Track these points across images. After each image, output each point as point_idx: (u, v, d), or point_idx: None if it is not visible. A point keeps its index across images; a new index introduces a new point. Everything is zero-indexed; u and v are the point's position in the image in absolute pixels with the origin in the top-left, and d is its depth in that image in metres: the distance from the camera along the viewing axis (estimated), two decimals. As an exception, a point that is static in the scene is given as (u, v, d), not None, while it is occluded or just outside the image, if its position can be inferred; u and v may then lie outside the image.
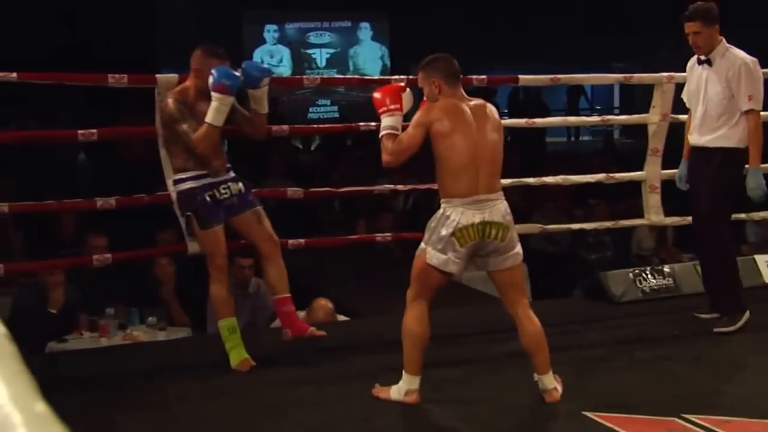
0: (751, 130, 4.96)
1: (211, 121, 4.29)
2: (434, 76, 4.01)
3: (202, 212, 4.42)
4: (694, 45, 4.99)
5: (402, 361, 4.03)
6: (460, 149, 3.88)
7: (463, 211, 3.84)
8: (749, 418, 3.81)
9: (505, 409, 3.98)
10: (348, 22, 19.26)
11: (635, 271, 5.90)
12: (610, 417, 3.85)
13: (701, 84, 5.06)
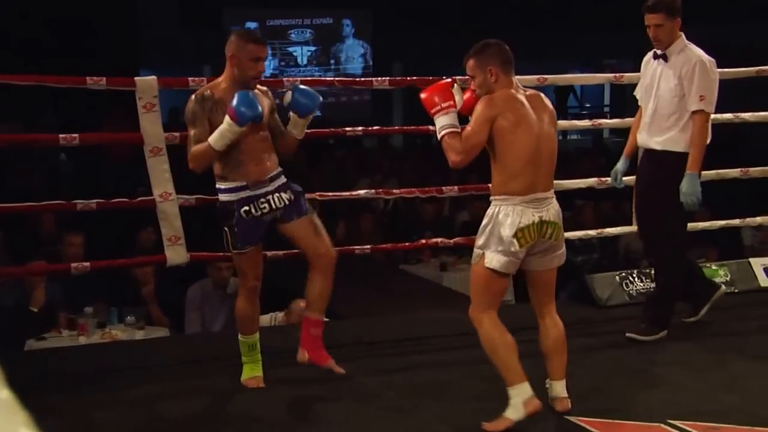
0: (696, 132, 4.77)
1: (211, 143, 3.95)
2: (490, 64, 3.77)
3: (236, 230, 4.07)
4: (655, 38, 4.84)
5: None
6: (522, 145, 3.72)
7: (523, 210, 3.70)
8: (738, 425, 3.83)
9: (487, 412, 3.98)
10: (330, 19, 19.23)
11: (622, 274, 5.89)
12: (594, 422, 3.87)
13: (654, 79, 4.91)
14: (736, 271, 6.06)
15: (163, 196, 4.91)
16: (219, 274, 6.14)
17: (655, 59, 4.92)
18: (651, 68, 4.94)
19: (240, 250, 4.10)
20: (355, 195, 5.82)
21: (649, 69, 4.97)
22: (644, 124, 4.96)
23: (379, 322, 5.62)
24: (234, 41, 4.04)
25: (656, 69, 4.91)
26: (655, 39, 4.84)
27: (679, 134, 4.82)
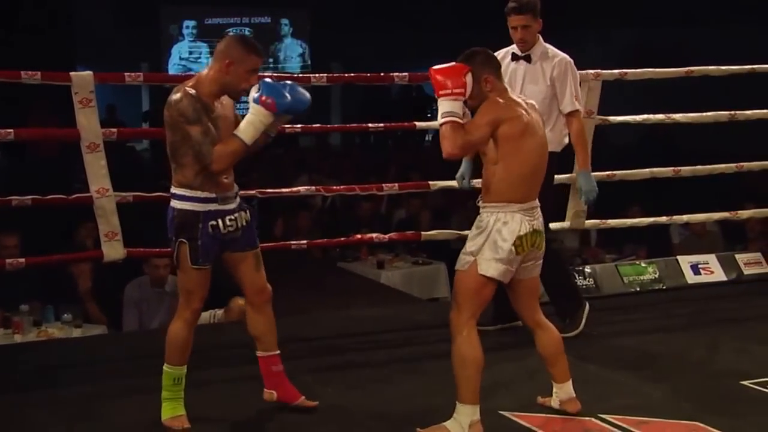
0: (578, 132, 4.82)
1: (244, 138, 3.61)
2: (485, 72, 3.65)
3: (198, 245, 3.69)
4: (522, 39, 4.79)
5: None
6: (528, 153, 3.63)
7: (521, 219, 3.63)
8: (667, 419, 3.89)
9: (423, 409, 4.01)
10: (268, 19, 19.16)
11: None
12: (527, 416, 3.92)
13: (516, 81, 4.83)
14: (664, 268, 6.17)
15: (100, 192, 4.88)
16: (156, 272, 6.10)
17: (514, 60, 4.86)
18: (508, 70, 4.81)
19: (199, 266, 3.70)
20: (294, 191, 5.80)
21: (504, 70, 4.71)
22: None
23: (316, 320, 5.62)
24: (235, 48, 3.65)
25: (516, 70, 4.86)
26: (522, 40, 4.80)
27: (550, 134, 4.67)
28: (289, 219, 8.74)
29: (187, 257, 3.70)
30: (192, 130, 3.56)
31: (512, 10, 4.77)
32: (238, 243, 3.82)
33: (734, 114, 6.20)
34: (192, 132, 3.56)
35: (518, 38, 4.81)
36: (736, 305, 5.76)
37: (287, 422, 3.89)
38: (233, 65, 3.61)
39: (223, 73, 3.63)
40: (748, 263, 6.40)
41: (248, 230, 3.84)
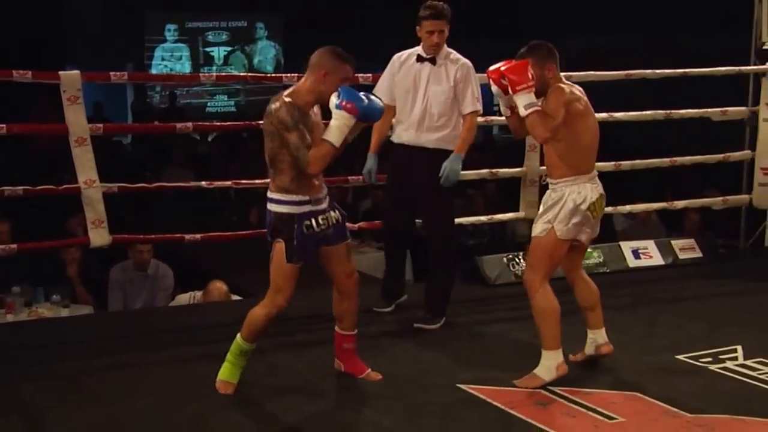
0: (471, 127, 4.77)
1: (333, 141, 3.62)
2: (548, 62, 3.92)
3: (294, 244, 3.71)
4: (437, 44, 4.71)
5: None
6: (591, 130, 3.93)
7: (591, 187, 3.92)
8: (610, 390, 3.93)
9: (387, 382, 4.02)
10: (244, 22, 19.06)
11: (509, 256, 5.96)
12: (483, 389, 3.92)
13: (420, 82, 4.75)
14: (608, 253, 6.21)
15: (87, 183, 4.86)
16: (140, 257, 6.06)
17: (419, 62, 4.78)
18: (412, 70, 4.78)
19: (294, 263, 3.72)
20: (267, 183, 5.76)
21: (409, 71, 4.79)
22: (411, 124, 4.78)
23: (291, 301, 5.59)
24: (329, 58, 3.69)
25: (420, 71, 4.77)
26: (437, 44, 4.72)
27: (451, 133, 4.76)
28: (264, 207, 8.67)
29: (282, 255, 3.72)
30: (290, 136, 3.60)
31: (430, 16, 4.71)
32: (331, 238, 3.84)
33: (670, 113, 6.25)
34: (290, 138, 3.60)
35: (433, 42, 4.72)
36: (672, 286, 5.80)
37: (262, 394, 3.87)
38: (329, 75, 3.67)
39: (319, 82, 3.68)
40: (682, 249, 6.46)
41: (339, 226, 3.88)
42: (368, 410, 3.74)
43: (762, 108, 6.44)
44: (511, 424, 3.59)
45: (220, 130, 13.02)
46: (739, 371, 4.22)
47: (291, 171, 3.67)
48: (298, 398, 3.84)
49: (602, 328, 4.19)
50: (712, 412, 3.69)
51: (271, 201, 3.77)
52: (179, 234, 5.25)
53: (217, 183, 5.72)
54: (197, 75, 6.19)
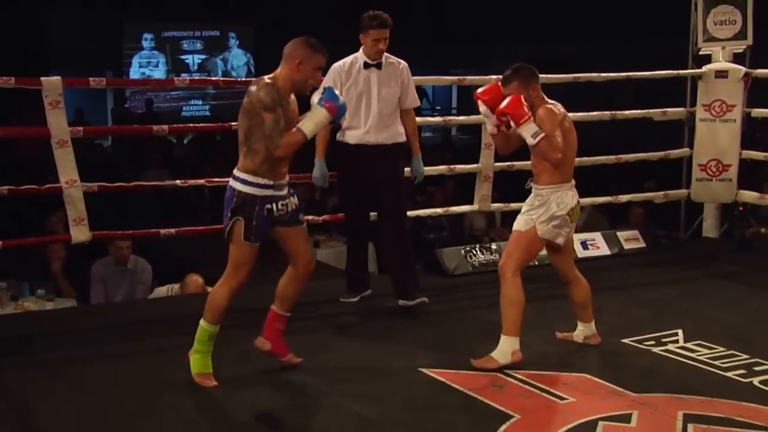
0: (415, 124, 5.04)
1: (306, 131, 3.62)
2: (533, 83, 4.05)
3: (253, 224, 3.69)
4: (381, 51, 4.79)
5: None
6: (574, 144, 4.06)
7: (572, 195, 4.07)
8: (561, 372, 3.95)
9: (352, 368, 4.01)
10: (217, 32, 18.98)
11: (467, 248, 5.97)
12: (443, 372, 3.93)
13: (370, 86, 4.83)
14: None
15: (68, 183, 4.82)
16: (119, 252, 6.00)
17: (366, 68, 4.84)
18: (361, 76, 4.83)
19: (251, 243, 3.71)
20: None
21: (358, 77, 4.84)
22: (369, 125, 4.84)
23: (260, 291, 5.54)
24: (302, 48, 3.69)
25: (370, 76, 4.84)
26: (381, 51, 4.81)
27: (399, 128, 4.92)
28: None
29: (241, 233, 3.69)
30: (267, 116, 3.56)
31: (378, 25, 4.76)
32: (290, 219, 3.81)
33: (615, 114, 6.29)
34: (266, 118, 3.56)
35: (378, 49, 4.80)
36: (618, 275, 5.84)
37: (232, 379, 3.85)
38: (303, 64, 3.67)
39: (294, 71, 3.67)
40: (627, 239, 6.51)
41: (295, 211, 3.84)
42: (335, 395, 3.73)
43: (699, 109, 6.50)
44: (470, 405, 3.60)
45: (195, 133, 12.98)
46: (680, 353, 4.26)
47: (264, 152, 3.63)
48: (267, 385, 3.82)
49: (592, 322, 4.34)
50: (656, 391, 3.73)
51: (236, 179, 3.71)
52: (155, 229, 5.20)
53: (191, 182, 5.68)
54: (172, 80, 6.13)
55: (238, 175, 3.72)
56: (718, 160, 6.48)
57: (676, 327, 4.62)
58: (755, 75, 6.39)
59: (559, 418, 3.44)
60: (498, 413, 3.49)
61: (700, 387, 3.79)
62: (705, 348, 4.31)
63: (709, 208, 6.76)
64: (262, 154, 3.64)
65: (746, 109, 6.43)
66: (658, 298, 5.30)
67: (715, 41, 6.50)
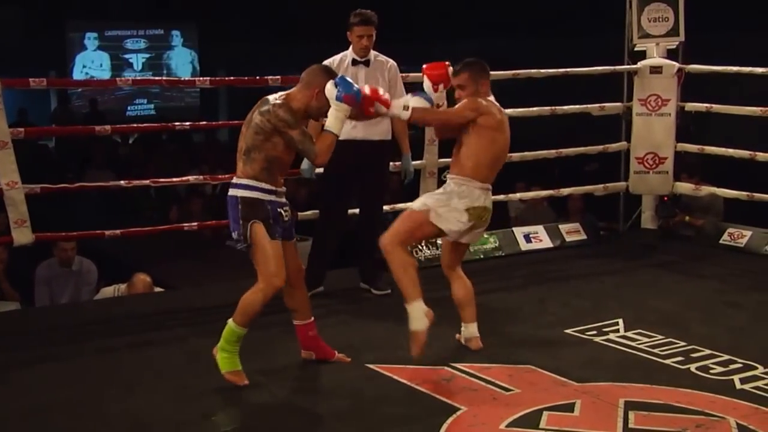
0: (405, 123, 4.88)
1: (335, 131, 3.66)
2: (482, 78, 3.99)
3: (271, 222, 3.65)
4: (366, 47, 4.88)
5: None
6: (499, 145, 3.94)
7: (479, 194, 3.92)
8: (505, 364, 3.97)
9: (299, 364, 3.99)
10: (161, 30, 18.74)
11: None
12: (389, 368, 3.93)
13: (359, 83, 4.83)
14: (502, 238, 6.28)
15: (9, 185, 4.72)
16: (64, 254, 5.89)
17: (355, 65, 4.93)
18: (350, 73, 4.86)
19: (276, 239, 3.66)
20: (184, 180, 5.69)
21: (346, 73, 4.82)
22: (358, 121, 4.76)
23: (208, 291, 5.51)
24: (323, 77, 3.69)
25: (357, 73, 4.91)
26: (366, 48, 4.90)
27: (387, 125, 4.98)
28: (183, 205, 8.56)
29: (264, 234, 3.63)
30: (293, 133, 3.61)
31: (361, 22, 4.87)
32: (285, 234, 3.78)
33: (554, 109, 6.35)
34: (294, 135, 3.61)
35: (363, 46, 4.90)
36: (561, 267, 5.90)
37: (183, 379, 3.81)
38: (321, 93, 3.66)
39: (310, 98, 3.68)
40: (569, 232, 6.57)
41: (291, 224, 3.83)
42: (281, 391, 3.72)
43: (635, 103, 6.59)
44: (416, 399, 3.60)
45: (140, 133, 12.80)
46: (620, 342, 4.32)
47: (264, 162, 3.64)
48: (215, 383, 3.78)
49: (473, 323, 4.16)
50: (597, 380, 3.77)
51: (238, 186, 3.67)
52: (100, 231, 5.11)
53: (135, 182, 5.59)
54: (114, 80, 6.02)
55: (238, 182, 3.68)
56: (654, 153, 6.58)
57: (617, 316, 4.68)
58: (688, 70, 6.50)
59: (504, 409, 3.46)
60: (444, 406, 3.50)
61: (640, 375, 3.85)
62: (644, 336, 4.37)
63: (647, 200, 6.86)
64: (261, 163, 3.64)
65: (680, 104, 6.54)
66: (599, 289, 5.37)
67: (649, 37, 6.60)
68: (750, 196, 6.20)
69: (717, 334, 4.41)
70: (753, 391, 3.66)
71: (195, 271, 6.92)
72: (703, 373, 3.88)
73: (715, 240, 6.44)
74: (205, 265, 7.12)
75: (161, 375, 3.86)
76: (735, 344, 4.23)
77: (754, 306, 4.98)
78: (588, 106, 6.55)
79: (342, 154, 4.82)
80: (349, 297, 5.17)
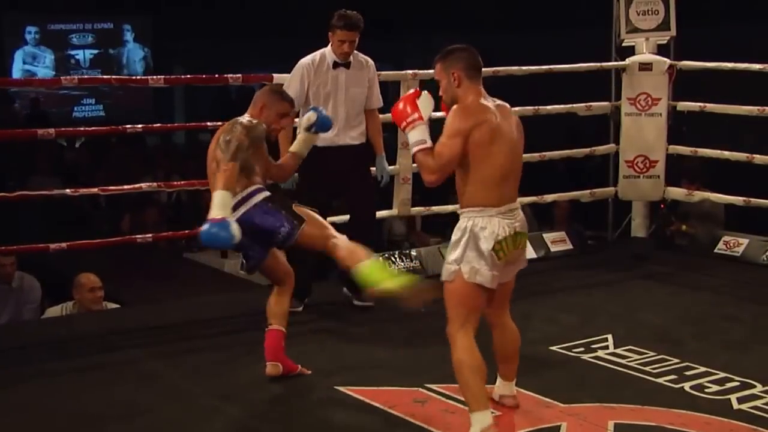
0: (380, 124, 5.21)
1: (300, 153, 4.23)
2: (454, 68, 3.40)
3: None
4: (348, 53, 4.96)
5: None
6: (498, 158, 3.34)
7: (499, 222, 3.34)
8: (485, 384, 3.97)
9: (263, 387, 3.99)
10: (110, 24, 18.64)
11: (385, 255, 5.94)
12: (359, 390, 3.93)
13: (339, 86, 5.01)
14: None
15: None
16: (2, 270, 5.83)
17: (335, 68, 4.99)
18: (329, 76, 4.98)
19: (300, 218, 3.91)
20: (136, 188, 5.64)
21: (326, 76, 4.98)
22: (337, 127, 4.95)
23: (164, 308, 5.49)
24: (266, 94, 4.04)
25: (338, 77, 5.00)
26: (347, 53, 4.97)
27: (363, 128, 5.14)
28: (136, 214, 8.52)
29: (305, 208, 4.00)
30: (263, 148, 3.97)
31: (345, 26, 4.91)
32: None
33: (537, 109, 6.39)
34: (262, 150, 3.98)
35: (345, 50, 4.96)
36: (545, 279, 5.92)
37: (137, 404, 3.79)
38: (265, 108, 3.98)
39: (257, 116, 3.97)
40: (554, 241, 6.61)
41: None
42: (245, 417, 3.71)
43: (624, 102, 6.65)
44: (390, 425, 3.60)
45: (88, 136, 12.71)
46: (609, 359, 4.35)
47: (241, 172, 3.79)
48: (172, 409, 3.76)
49: (512, 381, 3.74)
50: (584, 401, 3.79)
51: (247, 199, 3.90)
52: (44, 244, 5.07)
53: (83, 190, 5.55)
54: (58, 79, 5.96)
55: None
56: (645, 156, 6.63)
57: (606, 332, 4.71)
58: (680, 67, 6.56)
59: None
60: (421, 431, 3.50)
61: (630, 395, 3.88)
62: (635, 353, 4.41)
63: (637, 207, 6.91)
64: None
65: (672, 103, 6.60)
66: (586, 302, 5.40)
67: (638, 32, 6.66)
68: (747, 201, 6.27)
69: (712, 351, 4.46)
70: (751, 412, 3.70)
71: (149, 287, 6.89)
72: (698, 392, 3.92)
73: (709, 249, 6.49)
74: (160, 280, 7.09)
75: (111, 402, 3.83)
76: (732, 361, 4.27)
77: (751, 319, 5.04)
78: (573, 106, 6.61)
79: (323, 161, 4.93)
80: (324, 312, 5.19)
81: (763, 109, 6.20)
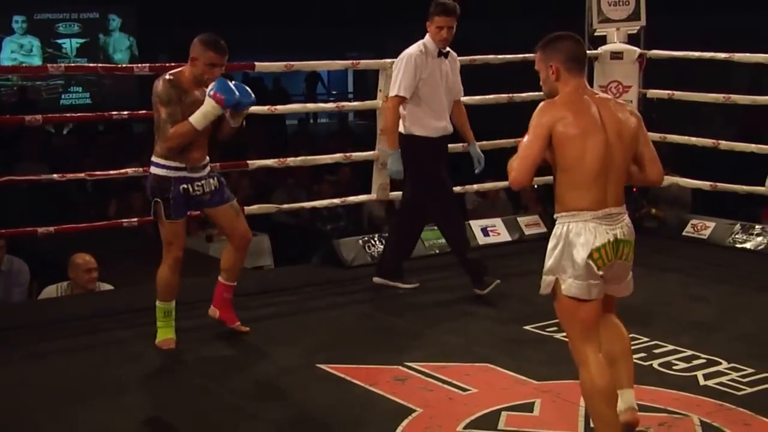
0: (464, 110, 5.23)
1: (194, 123, 3.96)
2: (553, 59, 3.03)
3: (171, 203, 4.06)
4: (447, 39, 4.91)
5: None
6: (591, 155, 2.93)
7: (596, 228, 2.95)
8: (462, 362, 4.00)
9: (247, 366, 3.99)
10: (96, 14, 18.50)
11: (365, 238, 5.95)
12: (341, 368, 3.94)
13: (441, 75, 4.99)
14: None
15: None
16: (-8, 254, 5.80)
17: (439, 57, 4.97)
18: (434, 65, 4.95)
19: (173, 220, 4.08)
20: (122, 173, 5.62)
21: (432, 66, 4.94)
22: (439, 114, 5.00)
23: (149, 290, 5.46)
24: (197, 45, 4.04)
25: (441, 65, 4.98)
26: (447, 39, 4.92)
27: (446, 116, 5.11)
28: (123, 200, 8.47)
29: (162, 214, 4.06)
30: (161, 109, 3.98)
31: (443, 12, 4.87)
32: (211, 201, 4.19)
33: (512, 96, 6.39)
34: (161, 111, 3.98)
35: (443, 37, 4.91)
36: (520, 261, 5.92)
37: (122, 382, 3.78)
38: (195, 60, 4.02)
39: (190, 66, 4.05)
40: (528, 225, 6.62)
41: (218, 191, 4.20)
42: (228, 395, 3.70)
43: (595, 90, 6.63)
44: (370, 401, 3.62)
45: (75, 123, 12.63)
46: (581, 338, 4.37)
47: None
48: (158, 388, 3.76)
49: (630, 389, 3.16)
50: (558, 378, 3.81)
51: (151, 164, 4.09)
52: (32, 228, 5.04)
53: (69, 175, 5.51)
54: (45, 67, 5.89)
55: (152, 160, 4.09)
56: (616, 142, 6.64)
57: (578, 312, 4.72)
58: (649, 56, 6.59)
59: (461, 410, 3.49)
60: (400, 408, 3.52)
61: (601, 372, 3.89)
62: (606, 332, 4.43)
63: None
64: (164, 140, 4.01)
65: (642, 90, 6.63)
66: (559, 284, 5.41)
67: (609, 22, 6.67)
68: (713, 186, 6.31)
69: (680, 329, 4.50)
70: (717, 387, 3.74)
71: (136, 270, 6.84)
72: (666, 369, 3.96)
73: (677, 232, 6.54)
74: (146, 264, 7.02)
75: (99, 382, 3.82)
76: (698, 339, 4.31)
77: (717, 299, 5.08)
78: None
79: (438, 150, 5.06)
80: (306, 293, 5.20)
81: (729, 97, 6.24)
